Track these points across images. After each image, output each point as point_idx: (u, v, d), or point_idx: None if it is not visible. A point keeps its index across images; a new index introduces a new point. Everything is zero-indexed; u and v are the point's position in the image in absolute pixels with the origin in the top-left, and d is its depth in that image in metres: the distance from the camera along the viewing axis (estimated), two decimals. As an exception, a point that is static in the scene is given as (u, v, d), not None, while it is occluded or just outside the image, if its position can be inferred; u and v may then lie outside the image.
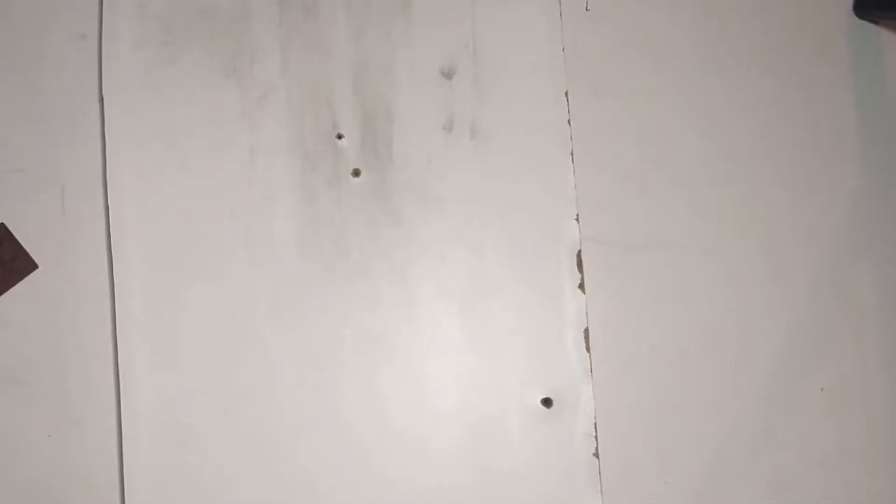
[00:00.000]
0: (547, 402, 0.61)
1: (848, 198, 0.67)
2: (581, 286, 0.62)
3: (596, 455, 0.60)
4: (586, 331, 0.62)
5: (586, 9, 0.67)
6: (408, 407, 0.60)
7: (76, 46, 0.64)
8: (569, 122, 0.65)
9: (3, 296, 0.60)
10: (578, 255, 0.63)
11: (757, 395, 0.64)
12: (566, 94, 0.63)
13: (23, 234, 0.61)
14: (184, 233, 0.61)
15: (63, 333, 0.60)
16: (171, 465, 0.58)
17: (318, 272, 0.61)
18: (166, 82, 0.63)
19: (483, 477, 0.60)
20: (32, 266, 0.61)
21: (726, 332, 0.64)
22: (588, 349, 0.62)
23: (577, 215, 0.63)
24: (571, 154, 0.64)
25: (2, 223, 0.60)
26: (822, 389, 0.64)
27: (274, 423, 0.59)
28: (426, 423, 0.60)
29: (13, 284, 0.60)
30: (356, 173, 0.61)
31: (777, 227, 0.66)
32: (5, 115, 0.63)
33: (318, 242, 0.62)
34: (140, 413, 0.59)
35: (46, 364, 0.59)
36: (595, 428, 0.61)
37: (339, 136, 0.59)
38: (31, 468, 0.58)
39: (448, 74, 0.62)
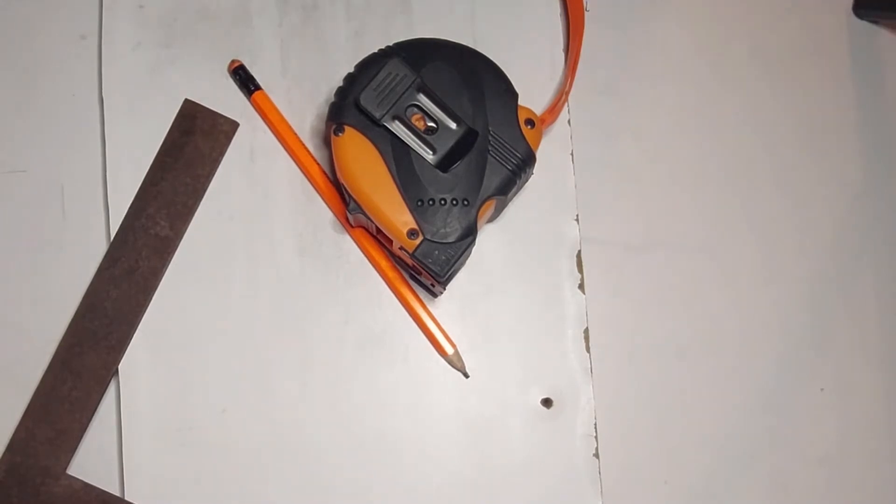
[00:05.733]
0: (547, 403, 0.61)
1: (848, 198, 0.67)
2: (581, 286, 0.62)
3: (596, 455, 0.60)
4: (586, 331, 0.62)
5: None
6: (407, 407, 0.61)
7: (76, 47, 0.64)
8: (569, 122, 0.65)
9: (1, 298, 0.60)
10: (578, 256, 0.63)
11: (757, 395, 0.64)
12: (567, 93, 0.63)
13: (22, 234, 0.61)
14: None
15: (62, 334, 0.59)
16: (171, 465, 0.58)
17: (319, 272, 0.61)
18: (166, 83, 0.63)
19: (483, 477, 0.60)
20: (234, 125, 0.62)
21: (726, 332, 0.64)
22: (588, 349, 0.62)
23: (577, 215, 0.64)
24: (571, 154, 0.64)
25: (185, 98, 0.61)
26: (821, 389, 0.64)
27: (274, 424, 0.59)
28: (426, 422, 0.60)
29: (225, 150, 0.61)
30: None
31: (777, 227, 0.66)
32: (5, 116, 0.63)
33: (318, 242, 0.62)
34: (140, 413, 0.59)
35: (46, 365, 0.59)
36: (595, 428, 0.61)
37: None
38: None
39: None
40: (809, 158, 0.67)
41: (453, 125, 0.58)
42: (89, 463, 0.59)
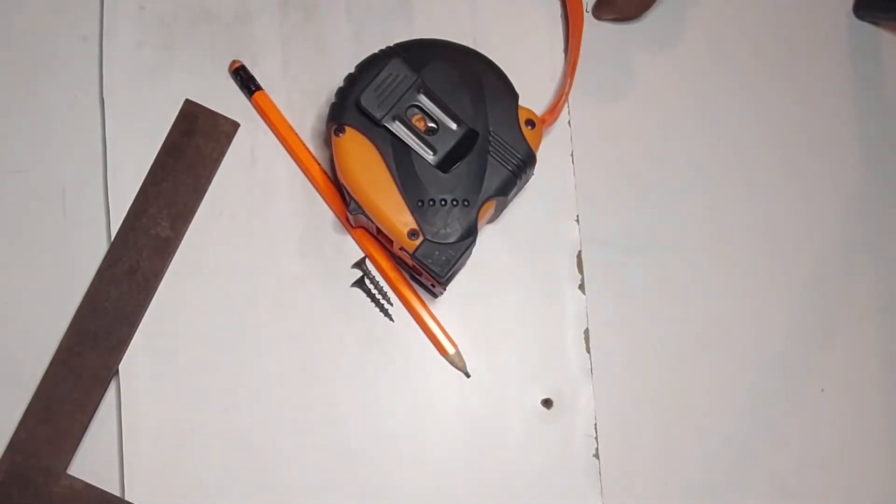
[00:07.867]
0: (547, 403, 0.61)
1: (848, 198, 0.67)
2: (581, 287, 0.62)
3: (596, 455, 0.60)
4: (586, 331, 0.62)
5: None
6: (408, 406, 0.61)
7: (77, 48, 0.64)
8: (569, 122, 0.65)
9: (1, 298, 0.60)
10: (579, 256, 0.63)
11: (757, 395, 0.64)
12: (567, 94, 0.63)
13: (23, 234, 0.61)
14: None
15: (63, 334, 0.60)
16: (171, 465, 0.58)
17: (320, 272, 0.61)
18: (167, 83, 0.63)
19: (483, 478, 0.60)
20: (235, 125, 0.62)
21: (726, 332, 0.64)
22: (588, 350, 0.62)
23: (577, 216, 0.64)
24: (571, 154, 0.64)
25: (186, 99, 0.62)
26: (822, 390, 0.64)
27: (274, 424, 0.60)
28: (426, 422, 0.60)
29: (226, 151, 0.61)
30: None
31: (777, 228, 0.66)
32: (6, 116, 0.63)
33: (319, 242, 0.62)
34: (140, 413, 0.59)
35: (46, 365, 0.59)
36: (595, 428, 0.61)
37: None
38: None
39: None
40: (809, 159, 0.67)
41: (454, 126, 0.58)
42: (90, 463, 0.59)
